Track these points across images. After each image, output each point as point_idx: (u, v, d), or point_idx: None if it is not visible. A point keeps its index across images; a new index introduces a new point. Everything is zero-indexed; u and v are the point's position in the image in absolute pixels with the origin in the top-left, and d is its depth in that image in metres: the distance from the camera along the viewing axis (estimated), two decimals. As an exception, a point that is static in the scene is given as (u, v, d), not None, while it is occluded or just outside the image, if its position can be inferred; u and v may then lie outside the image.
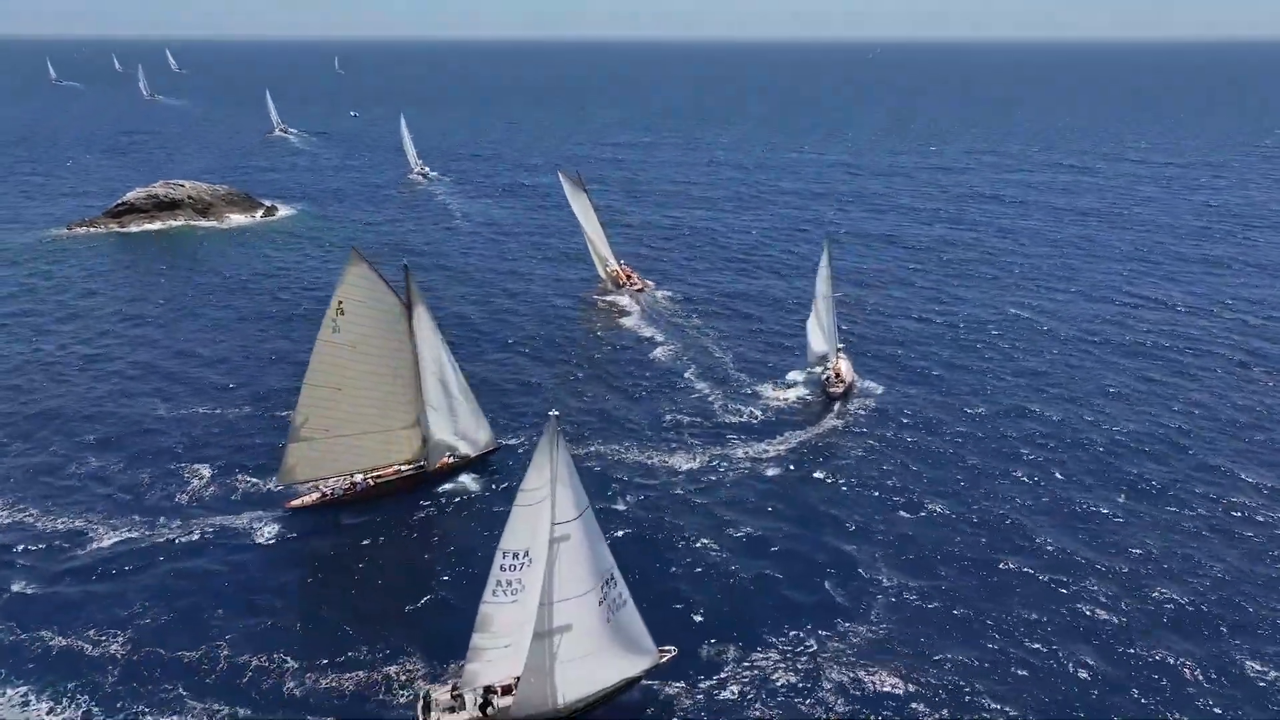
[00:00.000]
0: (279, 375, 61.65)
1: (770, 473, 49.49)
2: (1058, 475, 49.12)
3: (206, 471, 49.21)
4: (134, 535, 43.51)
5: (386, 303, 45.56)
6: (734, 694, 33.59)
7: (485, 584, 30.77)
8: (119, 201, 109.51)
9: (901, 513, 45.60)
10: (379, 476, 48.01)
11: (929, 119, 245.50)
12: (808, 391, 60.69)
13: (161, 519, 44.79)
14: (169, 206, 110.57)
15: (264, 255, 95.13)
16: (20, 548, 42.47)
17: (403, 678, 34.54)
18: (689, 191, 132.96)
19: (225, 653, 35.78)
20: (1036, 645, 35.98)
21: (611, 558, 31.36)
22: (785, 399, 59.41)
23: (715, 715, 32.77)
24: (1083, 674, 34.44)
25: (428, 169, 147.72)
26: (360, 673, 34.82)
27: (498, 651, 32.26)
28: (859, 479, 48.83)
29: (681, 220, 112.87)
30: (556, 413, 29.29)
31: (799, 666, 34.83)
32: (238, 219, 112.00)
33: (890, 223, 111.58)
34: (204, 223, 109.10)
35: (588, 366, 64.88)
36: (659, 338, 70.13)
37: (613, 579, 31.65)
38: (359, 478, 47.59)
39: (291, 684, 34.26)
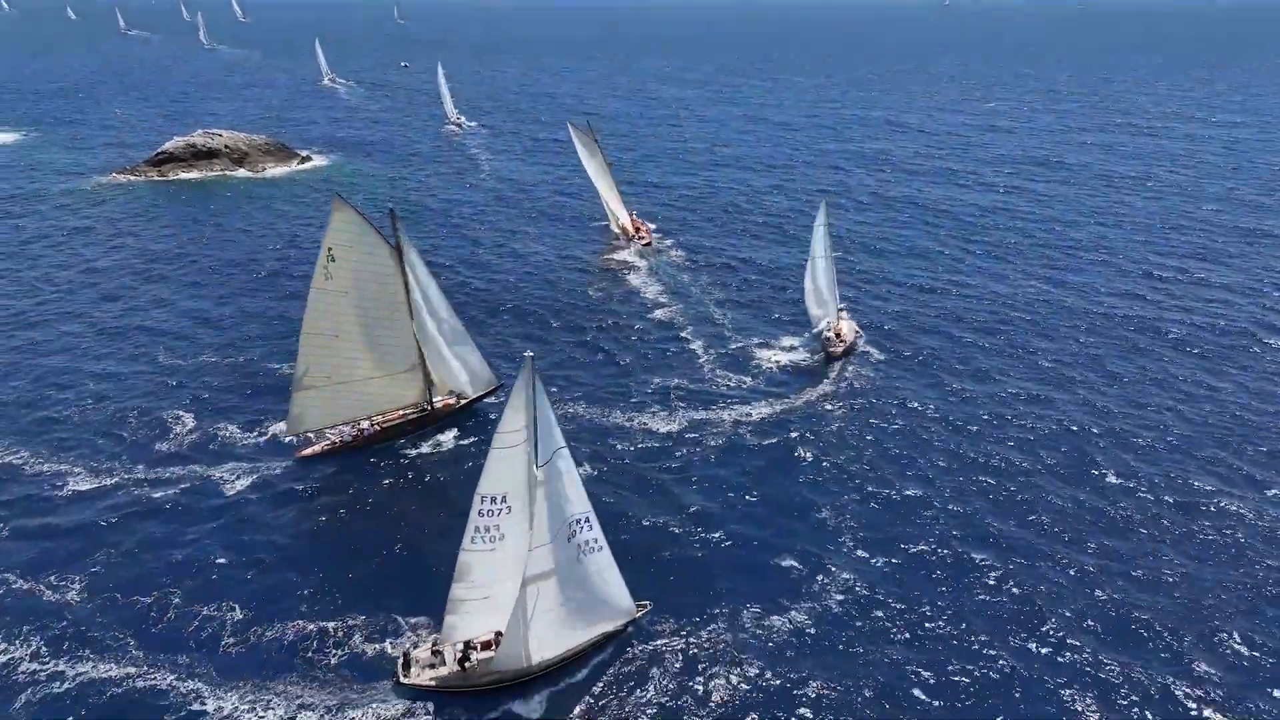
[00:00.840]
0: (294, 324, 62.16)
1: (750, 439, 49.08)
2: (1051, 462, 47.10)
3: (198, 420, 50.40)
4: (113, 482, 44.63)
5: (376, 248, 46.19)
6: (679, 663, 33.79)
7: (464, 532, 30.78)
8: (159, 150, 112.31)
9: (872, 488, 44.65)
10: (385, 421, 49.18)
11: (990, 75, 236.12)
12: (807, 353, 60.01)
13: (141, 466, 46.00)
14: (206, 155, 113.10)
15: (291, 204, 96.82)
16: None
17: (384, 634, 34.64)
18: (723, 150, 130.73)
19: (182, 604, 35.99)
20: (985, 637, 35.43)
21: (588, 500, 31.30)
22: (778, 361, 58.98)
23: (681, 675, 33.16)
24: (1014, 662, 33.88)
25: (463, 119, 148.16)
26: (339, 630, 34.87)
27: (476, 603, 32.55)
28: (838, 449, 48.03)
29: (710, 178, 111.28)
30: (531, 353, 29.22)
31: (742, 639, 34.86)
32: (273, 169, 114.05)
33: (933, 187, 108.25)
34: (240, 172, 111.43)
35: (582, 323, 64.86)
36: (662, 299, 69.69)
37: (589, 521, 31.67)
38: (365, 424, 48.60)
39: (263, 640, 34.38)
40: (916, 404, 53.38)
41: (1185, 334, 63.18)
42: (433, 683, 32.02)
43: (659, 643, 34.65)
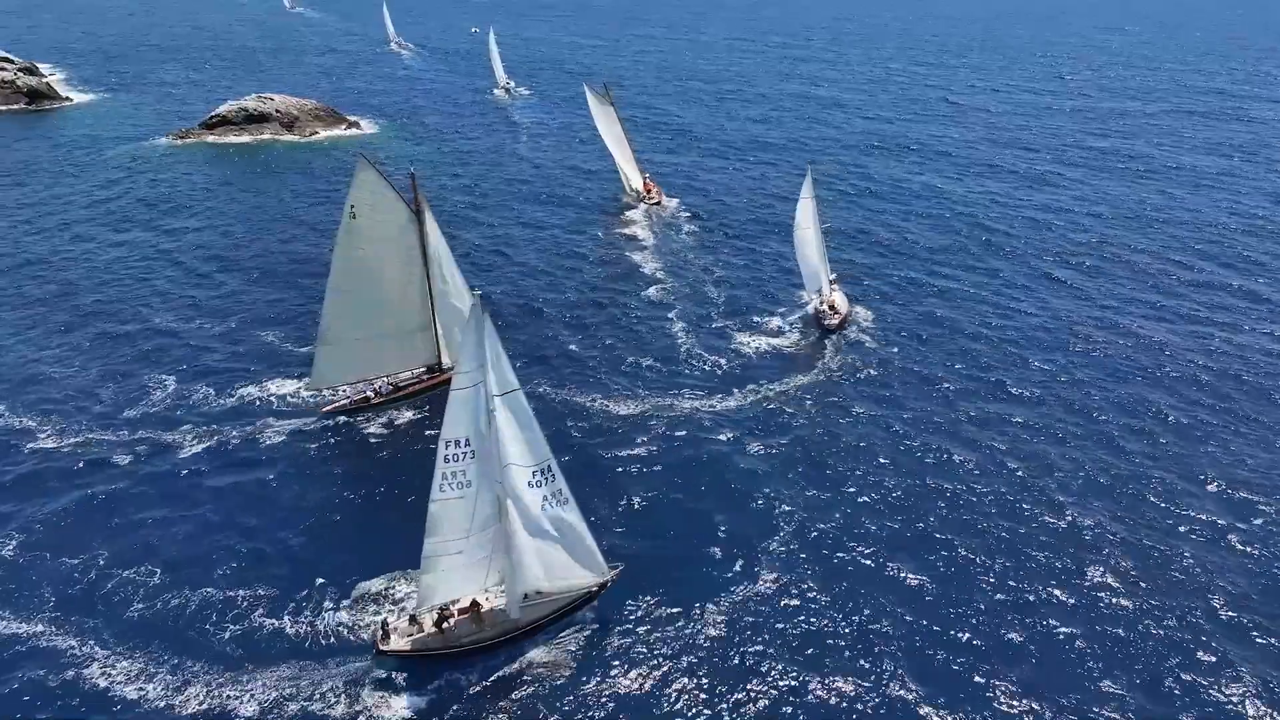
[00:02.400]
0: (318, 283, 64.46)
1: (722, 422, 49.21)
2: (1051, 471, 45.63)
3: (204, 378, 52.97)
4: (81, 439, 46.42)
5: (396, 209, 48.45)
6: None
7: (432, 482, 31.24)
8: (212, 114, 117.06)
9: (849, 488, 43.99)
10: (400, 381, 51.42)
11: (1064, 43, 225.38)
12: (800, 328, 60.24)
13: (135, 424, 48.39)
14: (258, 120, 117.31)
15: (328, 168, 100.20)
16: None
17: (362, 604, 35.35)
18: (779, 118, 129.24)
19: (163, 574, 36.86)
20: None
21: (549, 450, 31.87)
22: (769, 343, 58.64)
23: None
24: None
25: (512, 84, 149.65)
26: (315, 602, 35.43)
27: (451, 559, 32.79)
28: (811, 446, 47.29)
29: (744, 150, 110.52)
30: (480, 292, 30.08)
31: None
32: (320, 133, 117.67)
33: (987, 165, 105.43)
34: (288, 136, 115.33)
35: (574, 297, 66.02)
36: (659, 274, 70.30)
37: (551, 470, 32.11)
38: (380, 383, 50.74)
39: (241, 617, 34.82)
40: (903, 392, 52.96)
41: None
42: (411, 648, 32.75)
43: (630, 612, 35.62)
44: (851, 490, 43.83)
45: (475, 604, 34.11)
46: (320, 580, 36.79)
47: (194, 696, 31.71)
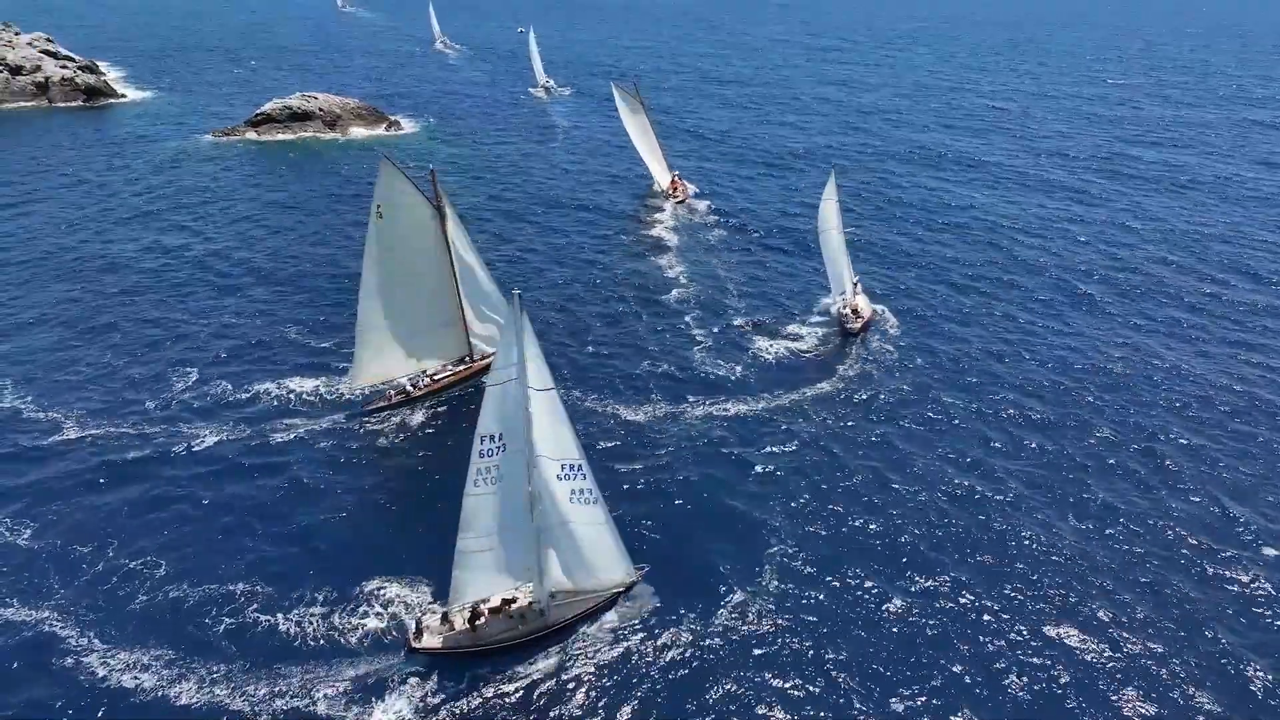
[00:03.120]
0: (346, 283, 65.06)
1: (738, 430, 48.72)
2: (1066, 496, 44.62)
3: (242, 377, 53.79)
4: (102, 431, 47.37)
5: (418, 206, 49.82)
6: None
7: (467, 477, 31.73)
8: (257, 112, 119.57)
9: (855, 505, 43.19)
10: (437, 374, 52.48)
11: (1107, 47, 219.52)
12: (821, 334, 59.68)
13: (171, 417, 49.37)
14: (301, 118, 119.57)
15: (368, 167, 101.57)
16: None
17: (396, 603, 35.67)
18: (816, 123, 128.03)
19: (153, 568, 37.16)
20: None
21: (581, 450, 32.48)
22: (789, 348, 58.04)
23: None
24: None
25: (552, 83, 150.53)
26: (353, 601, 35.70)
27: (483, 555, 33.30)
28: (823, 459, 46.54)
29: (784, 153, 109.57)
30: (519, 291, 30.71)
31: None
32: (360, 132, 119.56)
33: (1023, 173, 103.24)
34: (329, 134, 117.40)
35: (590, 300, 66.04)
36: (682, 278, 69.95)
37: (581, 469, 32.63)
38: (418, 375, 51.59)
39: (278, 616, 34.91)
40: (925, 405, 51.97)
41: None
42: (442, 645, 33.18)
43: (653, 615, 35.83)
44: (856, 508, 43.03)
45: (505, 602, 34.50)
46: (351, 578, 37.00)
47: (221, 694, 31.98)
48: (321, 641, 34.12)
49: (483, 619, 33.74)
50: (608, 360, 56.57)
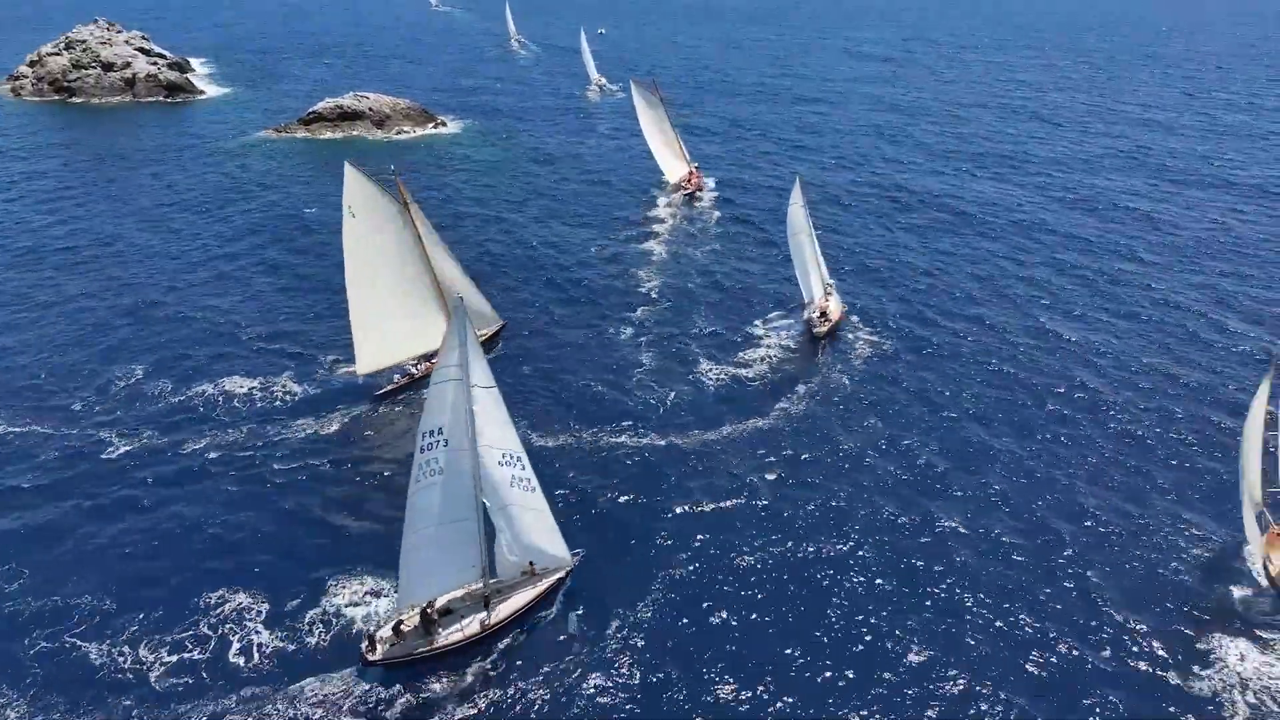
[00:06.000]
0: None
1: (679, 451, 47.46)
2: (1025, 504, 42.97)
3: (246, 372, 54.92)
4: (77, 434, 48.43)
5: (385, 205, 52.76)
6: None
7: (411, 475, 32.72)
8: (310, 110, 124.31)
9: (810, 521, 42.45)
10: (431, 357, 54.15)
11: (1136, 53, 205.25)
12: (790, 342, 58.97)
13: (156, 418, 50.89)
14: (351, 117, 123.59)
15: (405, 166, 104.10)
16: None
17: (350, 613, 35.51)
18: (885, 124, 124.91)
19: (78, 589, 36.24)
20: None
21: (520, 443, 34.40)
22: (754, 357, 57.19)
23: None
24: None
25: (604, 82, 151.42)
26: (300, 614, 35.37)
27: (428, 553, 33.88)
28: (774, 476, 45.37)
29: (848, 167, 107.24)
30: (461, 296, 33.17)
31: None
32: (407, 132, 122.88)
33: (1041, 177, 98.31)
34: (376, 134, 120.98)
35: (573, 296, 66.24)
36: (668, 280, 69.40)
37: (519, 459, 34.54)
38: (414, 359, 54.07)
39: (206, 631, 34.44)
40: (887, 411, 51.46)
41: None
42: (397, 655, 33.49)
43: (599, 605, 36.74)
44: (810, 524, 42.08)
45: (453, 603, 35.39)
46: (296, 591, 36.79)
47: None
48: (269, 662, 33.33)
49: (434, 622, 34.18)
50: (569, 379, 56.28)
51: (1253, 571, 37.70)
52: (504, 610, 35.32)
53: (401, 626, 33.64)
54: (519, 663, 33.99)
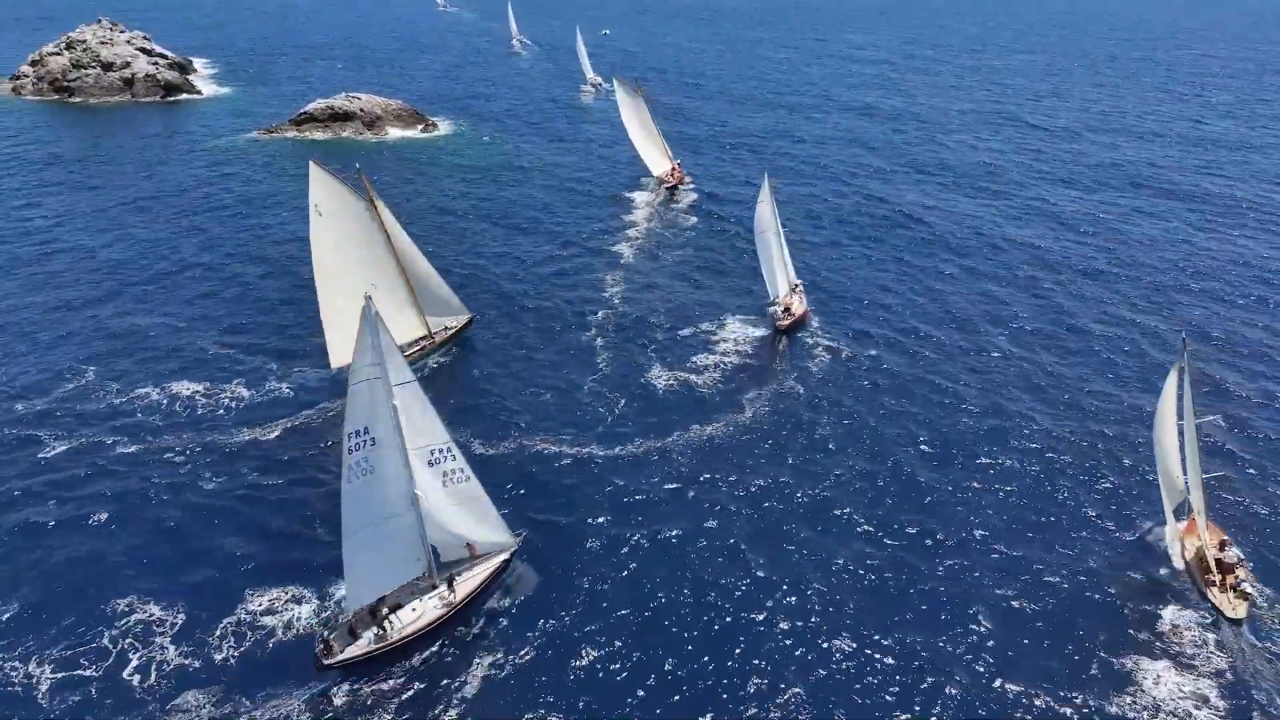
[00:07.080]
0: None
1: (636, 457, 47.52)
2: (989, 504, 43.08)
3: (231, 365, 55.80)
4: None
5: (351, 202, 53.60)
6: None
7: (341, 477, 32.84)
8: (301, 111, 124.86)
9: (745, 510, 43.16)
10: (413, 349, 55.78)
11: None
12: (753, 341, 59.29)
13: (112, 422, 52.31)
14: (341, 118, 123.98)
15: (381, 165, 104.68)
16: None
17: (301, 619, 35.44)
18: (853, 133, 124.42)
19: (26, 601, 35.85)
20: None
21: (447, 434, 34.68)
22: (716, 359, 57.38)
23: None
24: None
25: (600, 82, 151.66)
26: (246, 623, 35.33)
27: (367, 554, 34.19)
28: (732, 477, 45.58)
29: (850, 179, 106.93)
30: (369, 294, 33.08)
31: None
32: (396, 133, 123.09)
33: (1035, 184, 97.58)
34: (365, 135, 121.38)
35: (532, 294, 66.55)
36: (634, 284, 69.34)
37: (450, 451, 34.99)
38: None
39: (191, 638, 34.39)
40: (844, 409, 52.00)
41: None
42: (352, 655, 33.69)
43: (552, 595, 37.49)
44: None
45: (402, 596, 35.68)
46: (245, 597, 36.92)
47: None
48: (222, 675, 33.22)
49: (385, 619, 34.42)
50: (530, 375, 56.41)
51: (1170, 557, 37.97)
52: (461, 591, 35.91)
53: (355, 628, 33.85)
54: (463, 658, 34.31)
